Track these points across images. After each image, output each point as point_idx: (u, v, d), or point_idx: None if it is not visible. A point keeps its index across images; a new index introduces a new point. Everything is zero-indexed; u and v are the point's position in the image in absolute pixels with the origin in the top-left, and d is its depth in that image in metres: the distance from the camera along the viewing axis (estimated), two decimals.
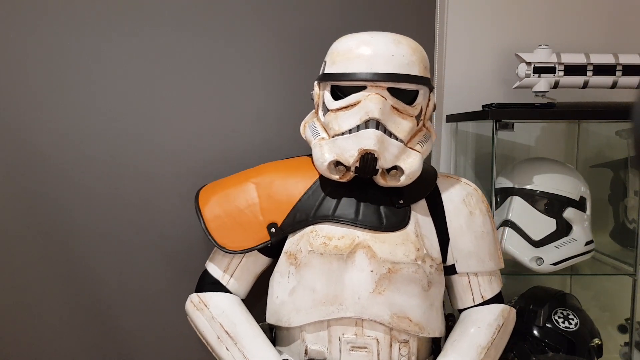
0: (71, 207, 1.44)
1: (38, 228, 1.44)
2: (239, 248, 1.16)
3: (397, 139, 1.06)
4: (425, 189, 1.17)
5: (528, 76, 1.39)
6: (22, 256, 1.44)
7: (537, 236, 1.39)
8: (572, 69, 1.37)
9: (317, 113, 1.17)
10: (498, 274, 1.23)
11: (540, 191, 1.41)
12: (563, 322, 1.36)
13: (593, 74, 1.37)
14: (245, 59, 1.46)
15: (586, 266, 1.50)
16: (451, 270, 1.17)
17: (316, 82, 1.16)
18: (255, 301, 1.27)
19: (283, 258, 1.14)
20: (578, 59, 1.38)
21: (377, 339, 1.06)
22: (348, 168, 1.08)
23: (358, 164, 1.06)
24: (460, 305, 1.20)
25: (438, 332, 1.13)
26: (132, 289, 1.47)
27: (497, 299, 1.20)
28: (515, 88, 1.43)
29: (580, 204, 1.43)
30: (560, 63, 1.38)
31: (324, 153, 1.07)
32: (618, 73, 1.37)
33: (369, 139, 1.03)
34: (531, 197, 1.41)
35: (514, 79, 1.45)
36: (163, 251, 1.47)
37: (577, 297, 1.50)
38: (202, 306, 1.18)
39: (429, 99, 1.14)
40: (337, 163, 1.08)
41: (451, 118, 1.56)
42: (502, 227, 1.40)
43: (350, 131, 1.06)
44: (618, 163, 1.59)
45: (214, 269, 1.22)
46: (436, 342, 1.20)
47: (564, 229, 1.42)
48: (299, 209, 1.13)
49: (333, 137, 1.09)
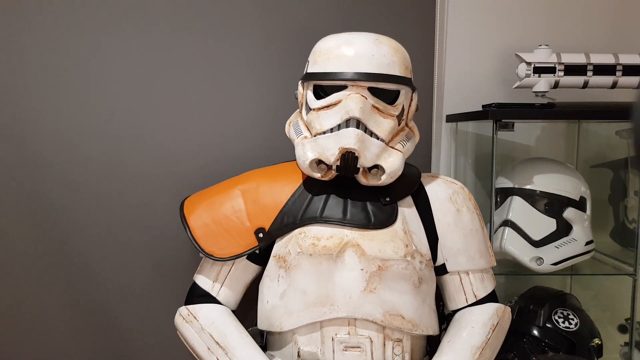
0: (70, 207, 1.44)
1: (37, 228, 1.44)
2: (227, 255, 1.15)
3: (378, 138, 1.07)
4: (410, 187, 1.18)
5: (528, 76, 1.39)
6: (21, 256, 1.44)
7: (537, 236, 1.39)
8: (572, 69, 1.37)
9: (301, 112, 1.18)
10: (491, 273, 1.22)
11: (540, 191, 1.41)
12: (563, 322, 1.36)
13: (593, 74, 1.37)
14: (244, 60, 1.46)
15: (586, 266, 1.50)
16: (442, 270, 1.17)
17: (300, 82, 1.17)
18: (247, 309, 1.27)
19: (272, 262, 1.13)
20: (578, 59, 1.37)
21: (371, 338, 1.06)
22: (330, 167, 1.09)
23: (339, 163, 1.07)
24: (453, 306, 1.19)
25: (432, 330, 1.13)
26: (132, 289, 1.47)
27: (491, 298, 1.20)
28: (515, 88, 1.43)
29: (580, 204, 1.43)
30: (560, 63, 1.37)
31: (306, 152, 1.08)
32: (618, 73, 1.37)
33: (349, 138, 1.04)
34: (531, 197, 1.41)
35: (514, 79, 1.45)
36: (162, 251, 1.47)
37: (577, 297, 1.50)
38: (192, 318, 1.15)
39: (412, 100, 1.15)
40: (319, 162, 1.09)
41: (451, 118, 1.55)
42: (502, 227, 1.40)
43: (331, 130, 1.07)
44: (618, 163, 1.59)
45: (203, 281, 1.20)
46: (431, 343, 1.19)
47: (564, 229, 1.42)
48: (286, 212, 1.13)
49: (315, 136, 1.10)
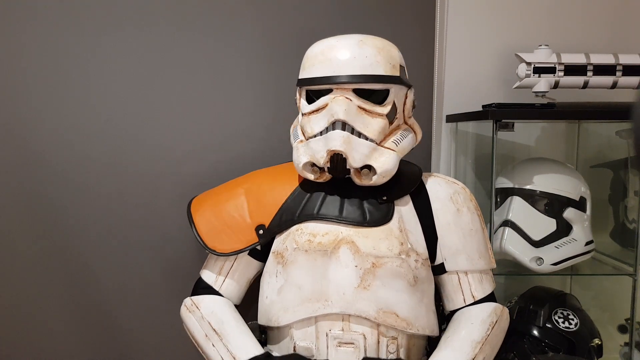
0: (70, 207, 1.44)
1: (37, 228, 1.44)
2: (229, 250, 1.19)
3: (367, 139, 1.08)
4: (409, 186, 1.18)
5: (528, 76, 1.39)
6: (21, 256, 1.44)
7: (537, 236, 1.39)
8: (572, 69, 1.37)
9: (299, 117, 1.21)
10: (490, 274, 1.22)
11: (540, 191, 1.41)
12: (563, 322, 1.36)
13: (593, 74, 1.37)
14: (245, 61, 1.46)
15: (586, 266, 1.50)
16: (440, 269, 1.17)
17: (297, 88, 1.20)
18: (248, 306, 1.28)
19: (271, 258, 1.17)
20: (578, 59, 1.37)
21: (364, 335, 1.07)
22: (322, 169, 1.12)
23: (329, 165, 1.09)
24: (451, 306, 1.20)
25: (429, 330, 1.13)
26: (132, 290, 1.48)
27: (489, 299, 1.20)
28: (515, 88, 1.43)
29: (580, 204, 1.43)
30: (560, 63, 1.37)
31: (300, 155, 1.12)
32: (618, 73, 1.37)
33: (335, 140, 1.06)
34: (531, 197, 1.41)
35: (514, 79, 1.45)
36: (162, 252, 1.47)
37: (577, 297, 1.49)
38: (194, 308, 1.19)
39: (406, 97, 1.16)
40: (313, 164, 1.12)
41: (451, 118, 1.55)
42: (502, 227, 1.40)
43: (320, 133, 1.10)
44: (618, 163, 1.59)
45: (207, 275, 1.25)
46: (432, 344, 1.19)
47: (564, 229, 1.42)
48: (285, 210, 1.16)
49: (308, 140, 1.13)
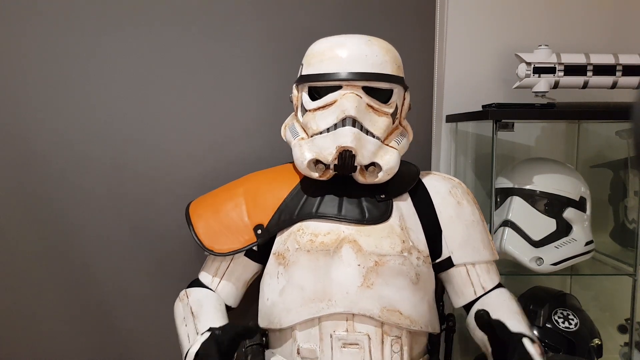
0: (70, 208, 1.44)
1: (37, 228, 1.44)
2: (226, 250, 1.18)
3: (374, 136, 1.10)
4: (407, 184, 1.19)
5: (528, 76, 1.39)
6: (20, 256, 1.44)
7: (537, 236, 1.39)
8: (572, 69, 1.37)
9: (296, 115, 1.20)
10: (495, 266, 1.22)
11: (540, 191, 1.41)
12: (563, 322, 1.36)
13: (593, 74, 1.37)
14: (245, 61, 1.46)
15: (586, 266, 1.50)
16: (448, 263, 1.17)
17: (294, 85, 1.19)
18: (247, 307, 1.28)
19: (272, 259, 1.16)
20: (578, 59, 1.37)
21: (369, 335, 1.07)
22: (327, 166, 1.11)
23: (337, 162, 1.08)
24: (462, 301, 1.19)
25: (431, 327, 1.13)
26: (132, 290, 1.48)
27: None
28: (515, 88, 1.43)
29: (580, 204, 1.43)
30: (560, 63, 1.37)
31: (304, 152, 1.10)
32: (618, 73, 1.37)
33: (346, 136, 1.06)
34: (531, 197, 1.41)
35: (514, 79, 1.45)
36: (162, 252, 1.47)
37: (577, 297, 1.50)
38: (184, 297, 1.20)
39: (404, 98, 1.18)
40: (317, 161, 1.11)
41: (451, 118, 1.55)
42: (502, 227, 1.40)
43: (328, 130, 1.10)
44: (618, 163, 1.59)
45: (204, 275, 1.25)
46: (432, 342, 1.19)
47: (564, 229, 1.42)
48: (284, 210, 1.16)
49: (312, 137, 1.12)
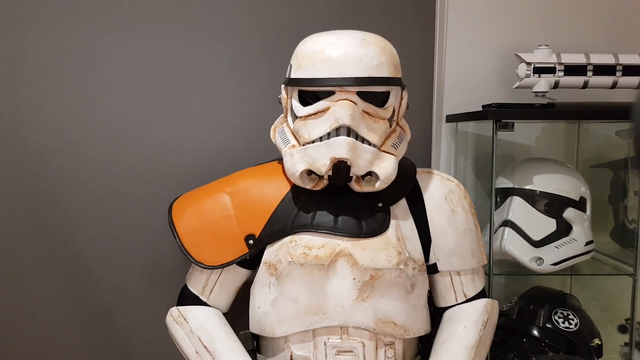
0: (70, 207, 1.44)
1: (36, 228, 1.44)
2: (217, 263, 1.13)
3: (370, 144, 1.03)
4: (404, 189, 1.14)
5: (528, 76, 1.39)
6: (20, 256, 1.44)
7: (537, 236, 1.39)
8: (572, 69, 1.37)
9: (286, 118, 1.13)
10: (481, 271, 1.22)
11: (540, 191, 1.40)
12: (563, 322, 1.36)
13: (593, 74, 1.37)
14: (242, 60, 1.46)
15: (586, 266, 1.50)
16: (433, 269, 1.17)
17: (283, 86, 1.12)
18: (240, 312, 1.26)
19: (263, 268, 1.12)
20: (578, 59, 1.37)
21: (363, 342, 1.06)
22: (321, 176, 1.05)
23: (331, 173, 1.03)
24: (443, 304, 1.20)
25: (424, 331, 1.13)
26: (131, 289, 1.48)
27: (480, 296, 1.20)
28: (515, 88, 1.43)
29: (580, 204, 1.43)
30: (560, 63, 1.37)
31: (295, 163, 1.04)
32: (618, 73, 1.37)
33: (341, 147, 0.99)
34: (531, 197, 1.41)
35: (514, 79, 1.45)
36: (162, 251, 1.47)
37: (577, 297, 1.49)
38: (182, 320, 1.15)
39: (402, 98, 1.11)
40: (310, 172, 1.05)
41: (451, 118, 1.55)
42: (502, 227, 1.40)
43: (320, 139, 1.03)
44: (618, 163, 1.59)
45: (194, 285, 1.19)
46: (423, 342, 1.19)
47: (564, 229, 1.42)
48: (276, 219, 1.10)
49: (303, 145, 1.05)
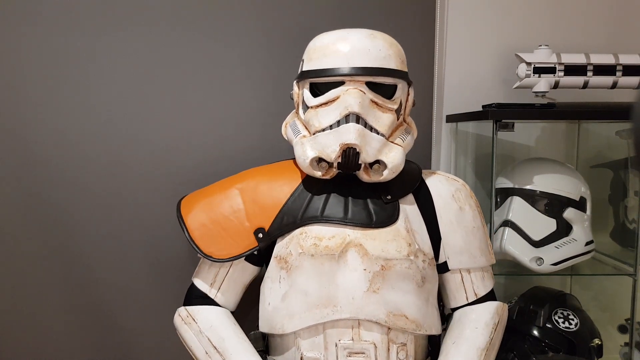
0: (70, 207, 1.44)
1: (36, 228, 1.44)
2: (226, 256, 1.13)
3: (378, 133, 1.06)
4: (411, 184, 1.16)
5: (528, 76, 1.39)
6: (20, 256, 1.44)
7: (537, 236, 1.39)
8: (572, 69, 1.37)
9: (298, 112, 1.17)
10: (490, 271, 1.22)
11: (540, 191, 1.40)
12: (563, 323, 1.36)
13: (593, 74, 1.37)
14: (242, 59, 1.46)
15: (586, 266, 1.50)
16: (443, 267, 1.17)
17: (295, 82, 1.16)
18: (248, 310, 1.27)
19: (273, 263, 1.12)
20: (578, 59, 1.37)
21: (375, 344, 1.05)
22: (330, 164, 1.07)
23: (340, 160, 1.05)
24: (453, 304, 1.19)
25: (435, 329, 1.12)
26: (131, 289, 1.47)
27: (490, 296, 1.20)
28: (515, 88, 1.43)
29: (580, 204, 1.43)
30: (560, 63, 1.37)
31: (306, 150, 1.07)
32: (618, 73, 1.37)
33: (350, 133, 1.03)
34: (531, 197, 1.41)
35: (514, 79, 1.45)
36: (162, 251, 1.47)
37: (577, 297, 1.49)
38: (190, 320, 1.15)
39: (408, 94, 1.14)
40: (320, 160, 1.07)
41: (451, 118, 1.55)
42: (502, 227, 1.40)
43: (330, 127, 1.06)
44: (618, 163, 1.59)
45: (201, 283, 1.19)
46: (432, 343, 1.19)
47: (564, 229, 1.42)
48: (286, 212, 1.12)
49: (314, 134, 1.08)
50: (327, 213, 1.10)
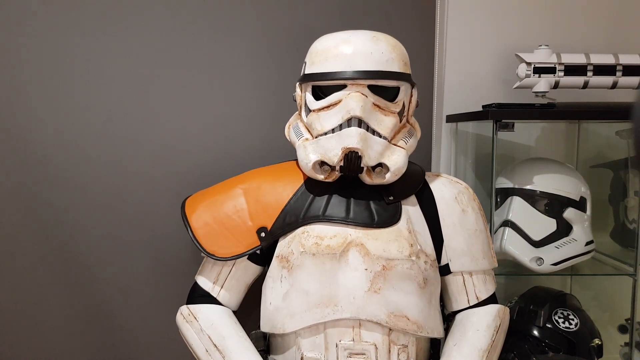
0: (70, 207, 1.44)
1: (37, 228, 1.44)
2: (229, 255, 1.14)
3: (381, 136, 1.06)
4: (414, 185, 1.16)
5: (528, 76, 1.39)
6: (21, 256, 1.44)
7: (537, 236, 1.39)
8: (572, 69, 1.37)
9: (300, 114, 1.17)
10: (492, 274, 1.22)
11: (540, 191, 1.40)
12: (563, 323, 1.36)
13: (593, 74, 1.37)
14: (243, 60, 1.46)
15: (586, 266, 1.50)
16: (445, 270, 1.17)
17: (297, 84, 1.16)
18: (250, 310, 1.27)
19: (275, 262, 1.12)
20: (578, 59, 1.37)
21: (376, 345, 1.04)
22: (333, 168, 1.08)
23: (342, 163, 1.05)
24: (455, 306, 1.19)
25: (437, 332, 1.12)
26: (132, 289, 1.48)
27: (492, 299, 1.20)
28: (515, 88, 1.43)
29: (580, 204, 1.43)
30: (560, 63, 1.37)
31: (308, 154, 1.07)
32: (618, 73, 1.37)
33: (352, 137, 1.03)
34: (531, 197, 1.41)
35: (514, 79, 1.45)
36: (163, 251, 1.47)
37: (577, 297, 1.49)
38: (192, 318, 1.15)
39: (412, 95, 1.14)
40: (322, 163, 1.08)
41: (451, 118, 1.55)
42: (502, 227, 1.40)
43: (333, 130, 1.06)
44: (618, 163, 1.59)
45: (204, 281, 1.20)
46: (434, 347, 1.19)
47: (564, 229, 1.42)
48: (289, 212, 1.12)
49: (316, 137, 1.09)
50: (329, 212, 1.10)
